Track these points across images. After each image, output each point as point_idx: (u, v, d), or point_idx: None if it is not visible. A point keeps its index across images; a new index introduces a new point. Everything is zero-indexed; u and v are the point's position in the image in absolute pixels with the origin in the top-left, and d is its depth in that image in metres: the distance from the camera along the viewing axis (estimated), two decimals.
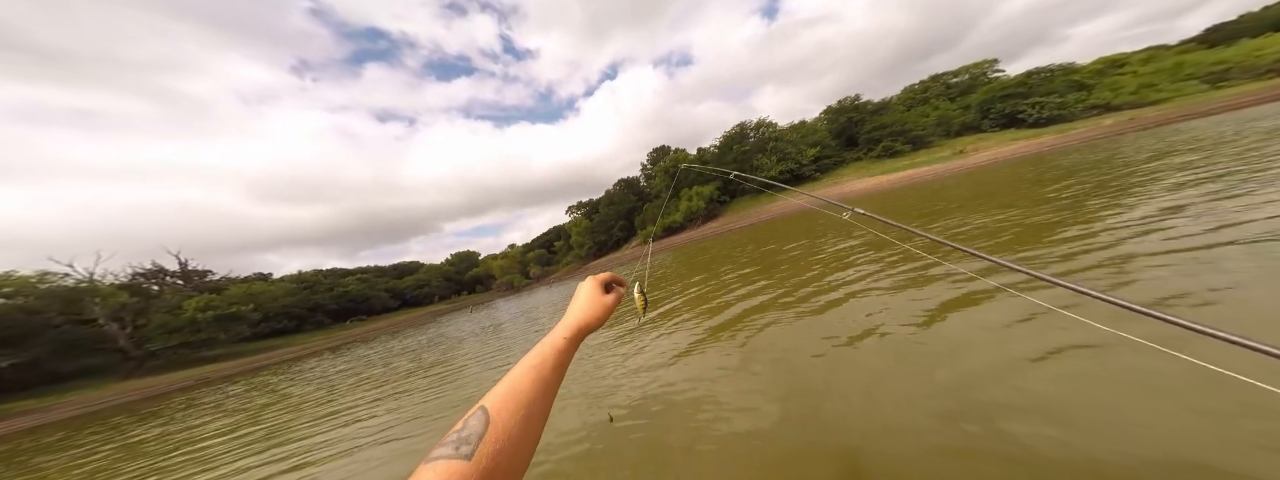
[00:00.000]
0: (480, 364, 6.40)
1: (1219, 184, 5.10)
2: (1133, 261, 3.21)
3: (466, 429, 0.39)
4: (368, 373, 8.56)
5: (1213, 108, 27.90)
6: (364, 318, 58.82)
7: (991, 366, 2.24)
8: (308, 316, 52.48)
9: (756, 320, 4.33)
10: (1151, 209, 4.62)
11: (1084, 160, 12.13)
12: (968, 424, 1.83)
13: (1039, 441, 1.63)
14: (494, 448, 0.37)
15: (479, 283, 74.48)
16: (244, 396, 10.04)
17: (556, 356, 0.51)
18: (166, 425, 8.12)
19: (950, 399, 2.05)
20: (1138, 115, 33.62)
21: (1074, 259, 3.64)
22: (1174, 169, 7.02)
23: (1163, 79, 37.31)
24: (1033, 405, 1.85)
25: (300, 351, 33.90)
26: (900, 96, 45.30)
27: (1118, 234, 4.01)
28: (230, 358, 36.82)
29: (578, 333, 0.57)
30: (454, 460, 0.35)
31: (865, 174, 38.74)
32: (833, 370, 2.72)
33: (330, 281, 59.95)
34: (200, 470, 4.29)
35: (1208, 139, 10.50)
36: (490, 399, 0.43)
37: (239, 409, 8.05)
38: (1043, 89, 38.03)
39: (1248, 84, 35.74)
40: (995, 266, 1.28)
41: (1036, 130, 37.19)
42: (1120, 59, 40.43)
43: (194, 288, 45.90)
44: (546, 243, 76.43)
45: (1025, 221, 5.56)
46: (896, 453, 1.80)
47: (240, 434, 5.63)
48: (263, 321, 45.12)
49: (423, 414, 4.30)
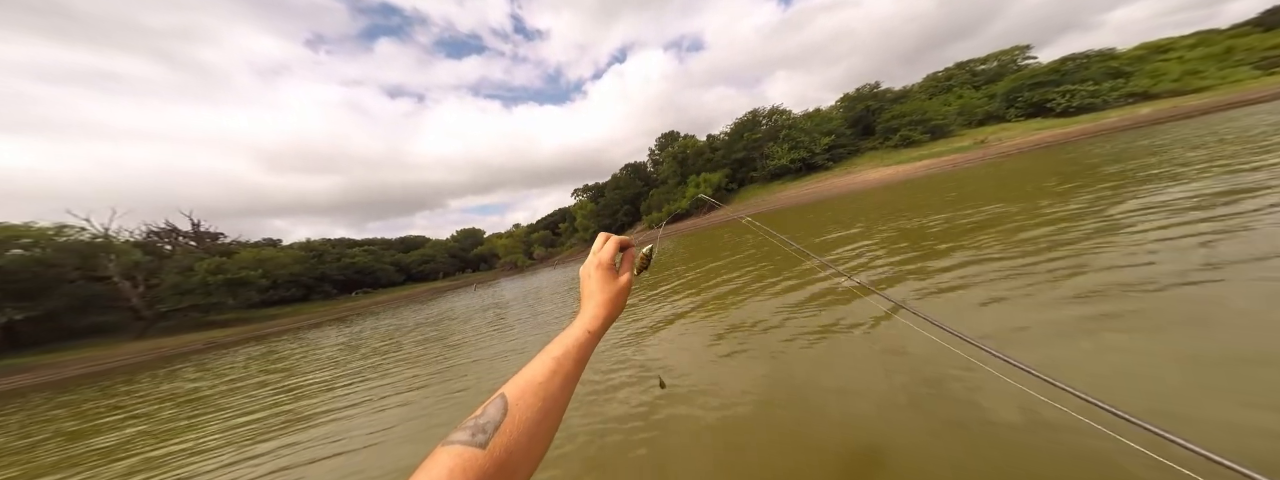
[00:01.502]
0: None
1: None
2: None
3: (485, 416, 0.39)
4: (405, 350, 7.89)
5: (1264, 95, 25.78)
6: (369, 290, 58.99)
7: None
8: (315, 285, 52.80)
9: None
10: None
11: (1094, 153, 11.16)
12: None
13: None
14: (509, 438, 0.38)
15: (483, 261, 74.93)
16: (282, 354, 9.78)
17: (578, 350, 0.49)
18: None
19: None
20: (1180, 103, 31.37)
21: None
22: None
23: (1210, 65, 34.69)
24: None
25: (309, 320, 34.14)
26: (922, 84, 43.33)
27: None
28: (239, 323, 37.40)
29: (601, 326, 0.55)
30: (469, 447, 0.36)
31: (879, 164, 37.29)
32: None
33: (338, 252, 60.35)
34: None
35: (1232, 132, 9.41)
36: (511, 388, 0.43)
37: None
38: (1077, 76, 35.78)
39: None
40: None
41: (1064, 120, 35.11)
42: (1165, 44, 37.72)
43: (205, 250, 45.82)
44: (551, 224, 76.36)
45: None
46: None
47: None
48: (271, 288, 45.30)
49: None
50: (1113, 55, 36.27)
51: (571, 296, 9.54)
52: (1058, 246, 3.65)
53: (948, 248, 4.52)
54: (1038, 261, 3.37)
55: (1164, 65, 34.88)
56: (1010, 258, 3.64)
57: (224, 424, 4.42)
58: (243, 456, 3.31)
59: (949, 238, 5.03)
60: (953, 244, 4.63)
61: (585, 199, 59.34)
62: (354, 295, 56.26)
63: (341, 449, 3.03)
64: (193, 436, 4.17)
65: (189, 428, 4.56)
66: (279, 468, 2.93)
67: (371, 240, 76.26)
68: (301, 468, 2.86)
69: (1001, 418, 1.62)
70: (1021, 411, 1.61)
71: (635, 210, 52.14)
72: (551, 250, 66.53)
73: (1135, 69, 35.35)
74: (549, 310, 8.25)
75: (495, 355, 5.18)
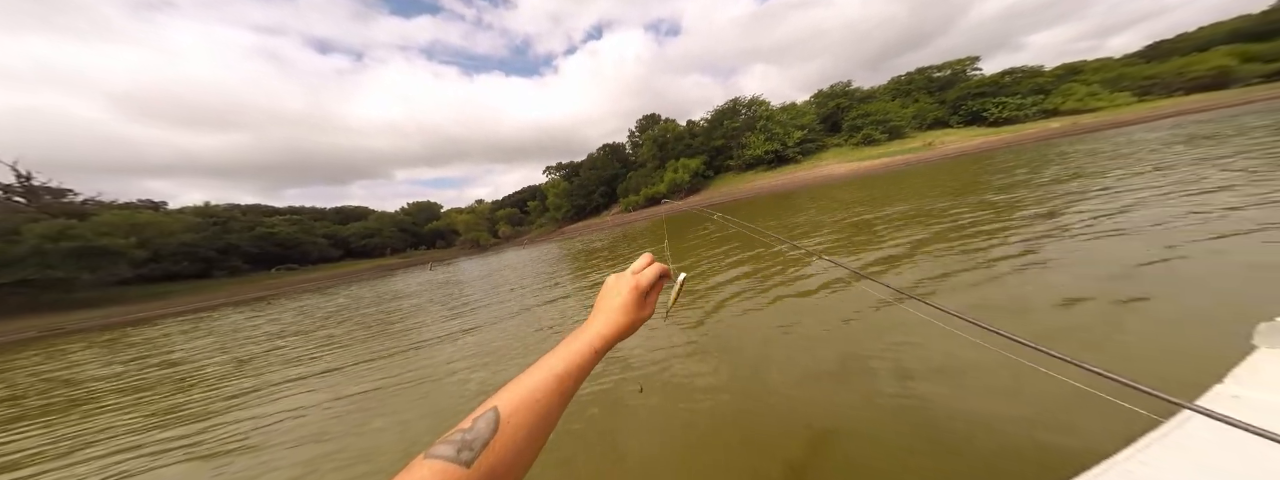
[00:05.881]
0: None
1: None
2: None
3: (474, 432, 0.36)
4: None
5: (1138, 118, 32.10)
6: (295, 266, 52.78)
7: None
8: (218, 259, 45.79)
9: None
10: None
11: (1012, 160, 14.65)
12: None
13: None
14: (495, 458, 0.35)
15: (439, 237, 70.90)
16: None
17: (581, 370, 0.46)
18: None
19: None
20: (1078, 121, 37.75)
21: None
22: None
23: (1105, 88, 41.56)
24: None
25: (209, 301, 28.82)
26: (887, 86, 46.63)
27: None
28: (106, 304, 30.13)
29: (608, 344, 0.51)
30: (452, 465, 0.33)
31: (844, 159, 40.73)
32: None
33: (250, 220, 52.95)
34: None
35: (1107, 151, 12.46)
36: (504, 402, 0.39)
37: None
38: (1010, 89, 40.98)
39: (1161, 100, 40.99)
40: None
41: (995, 128, 40.65)
42: (1078, 66, 44.03)
43: (41, 209, 35.65)
44: (520, 202, 73.55)
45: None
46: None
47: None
48: (151, 261, 37.96)
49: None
50: (1039, 72, 41.75)
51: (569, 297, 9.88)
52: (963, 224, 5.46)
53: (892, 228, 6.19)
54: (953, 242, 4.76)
55: (1074, 86, 41.03)
56: (941, 240, 4.93)
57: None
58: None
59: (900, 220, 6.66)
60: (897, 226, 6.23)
61: (558, 178, 57.72)
62: (273, 272, 49.51)
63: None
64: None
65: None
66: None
67: (297, 209, 67.74)
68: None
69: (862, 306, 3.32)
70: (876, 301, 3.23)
71: (612, 192, 52.14)
72: (519, 229, 64.76)
73: (1054, 87, 41.21)
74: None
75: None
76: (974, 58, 42.49)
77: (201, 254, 44.43)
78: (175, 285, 39.00)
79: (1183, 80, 43.69)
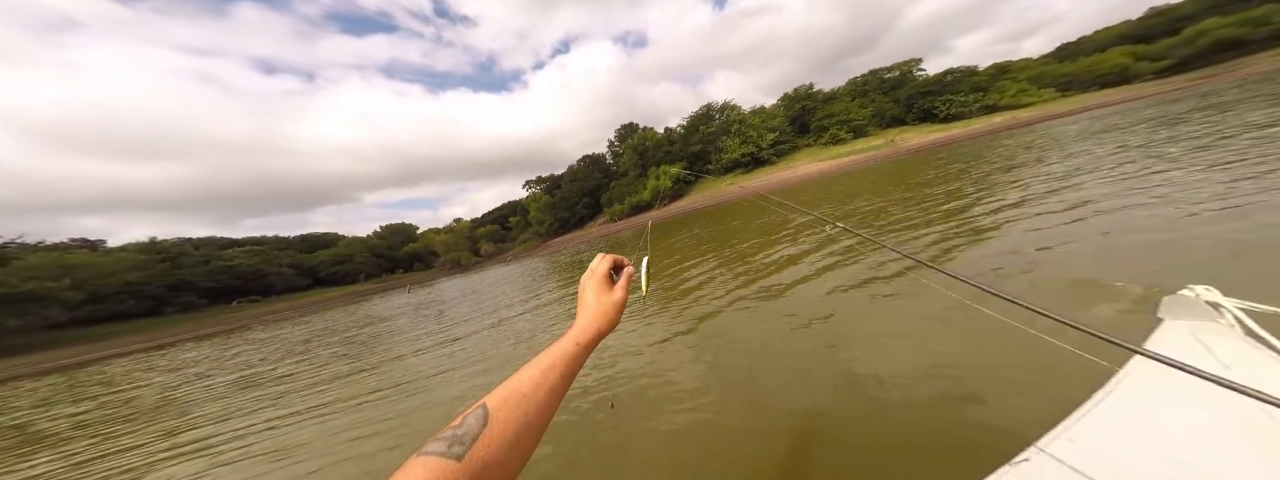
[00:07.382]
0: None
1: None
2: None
3: (464, 427, 0.38)
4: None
5: (1064, 111, 36.18)
6: (257, 299, 50.23)
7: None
8: (168, 296, 43.30)
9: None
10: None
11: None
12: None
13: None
14: (487, 450, 0.36)
15: (417, 259, 68.25)
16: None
17: (566, 363, 0.48)
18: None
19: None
20: (1016, 115, 42.04)
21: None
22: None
23: (1032, 85, 46.60)
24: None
25: (156, 340, 26.66)
26: (846, 88, 50.08)
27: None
28: (37, 349, 28.11)
29: (592, 340, 0.53)
30: (444, 459, 0.34)
31: (815, 159, 43.12)
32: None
33: (205, 254, 50.15)
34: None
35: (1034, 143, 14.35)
36: (493, 398, 0.41)
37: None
38: (953, 88, 45.14)
39: (1082, 95, 46.50)
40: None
41: (946, 125, 44.51)
42: (1006, 66, 49.19)
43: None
44: (500, 218, 72.17)
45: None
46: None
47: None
48: (89, 302, 36.13)
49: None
50: (975, 72, 46.31)
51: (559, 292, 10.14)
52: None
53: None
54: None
55: (1006, 83, 45.74)
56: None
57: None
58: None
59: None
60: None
61: (539, 191, 57.34)
62: (235, 305, 46.89)
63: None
64: None
65: None
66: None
67: (258, 239, 64.15)
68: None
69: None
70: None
71: (595, 202, 52.32)
72: (502, 246, 63.36)
73: (990, 85, 45.76)
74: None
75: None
76: (917, 59, 46.69)
77: (149, 292, 41.30)
78: (119, 325, 36.15)
79: (1092, 77, 49.83)
